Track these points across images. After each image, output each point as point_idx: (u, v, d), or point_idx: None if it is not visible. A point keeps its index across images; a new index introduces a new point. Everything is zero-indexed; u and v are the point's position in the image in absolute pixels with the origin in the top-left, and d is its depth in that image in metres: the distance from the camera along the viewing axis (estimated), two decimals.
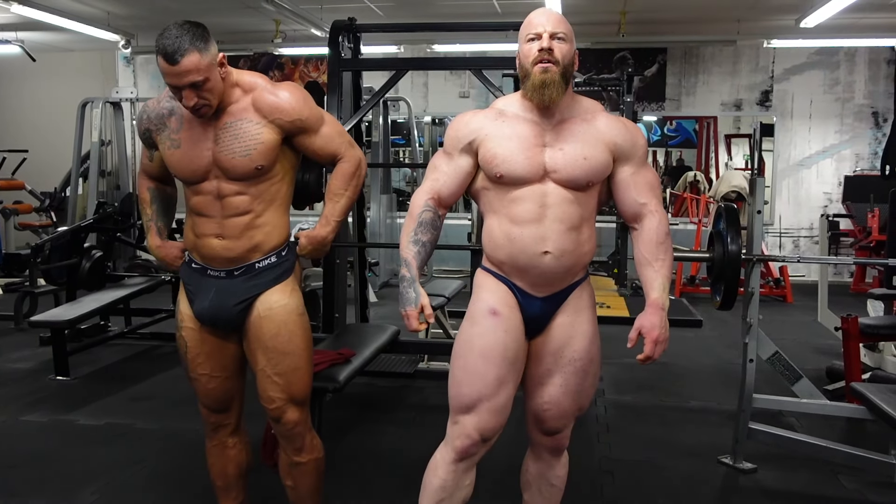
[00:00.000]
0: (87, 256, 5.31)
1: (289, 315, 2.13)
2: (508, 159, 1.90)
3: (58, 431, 3.66)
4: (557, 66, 1.88)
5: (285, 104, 2.04)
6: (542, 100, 1.89)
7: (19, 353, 5.10)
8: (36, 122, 9.37)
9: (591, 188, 1.95)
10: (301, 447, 2.24)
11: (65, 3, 6.85)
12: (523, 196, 1.91)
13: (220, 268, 2.12)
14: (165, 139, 2.09)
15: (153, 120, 2.11)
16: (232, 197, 2.05)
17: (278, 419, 2.19)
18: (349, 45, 4.33)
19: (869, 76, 8.28)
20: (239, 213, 2.07)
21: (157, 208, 2.28)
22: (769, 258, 3.57)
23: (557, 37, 1.89)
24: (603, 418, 3.83)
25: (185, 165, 2.06)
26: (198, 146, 2.04)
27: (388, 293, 7.46)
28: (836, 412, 3.40)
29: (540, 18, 1.93)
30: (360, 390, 4.23)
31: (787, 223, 8.51)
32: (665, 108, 8.73)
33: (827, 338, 5.20)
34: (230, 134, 2.02)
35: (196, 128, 2.05)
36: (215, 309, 2.13)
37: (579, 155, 1.90)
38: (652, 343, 1.91)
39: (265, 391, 2.16)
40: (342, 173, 2.18)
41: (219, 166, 2.03)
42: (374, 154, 7.50)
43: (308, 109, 2.08)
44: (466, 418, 1.94)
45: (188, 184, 2.10)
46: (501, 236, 1.95)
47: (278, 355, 2.12)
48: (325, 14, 7.01)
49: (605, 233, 8.27)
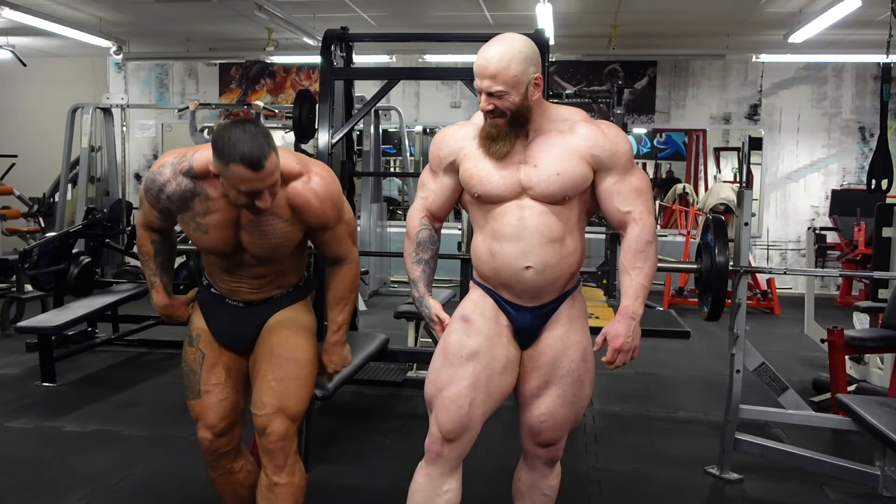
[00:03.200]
0: (76, 262, 5.28)
1: (299, 328, 2.19)
2: (484, 180, 1.92)
3: (44, 438, 3.64)
4: (504, 117, 1.87)
5: (316, 208, 2.05)
6: (493, 152, 1.90)
7: (6, 359, 5.06)
8: (26, 127, 9.33)
9: (569, 201, 1.93)
10: (282, 465, 2.14)
11: (56, 9, 6.84)
12: (503, 212, 1.92)
13: (239, 299, 2.20)
14: (190, 221, 2.07)
15: (175, 202, 2.06)
16: (254, 267, 2.13)
17: (264, 429, 2.12)
18: (341, 54, 4.35)
19: (856, 91, 8.37)
20: (260, 276, 2.16)
21: (160, 262, 2.27)
22: (757, 270, 3.60)
23: (496, 95, 1.84)
24: (591, 428, 3.84)
25: (213, 247, 2.10)
26: (227, 233, 2.06)
27: (377, 302, 7.45)
28: (822, 423, 3.43)
29: (477, 69, 1.85)
30: (349, 398, 4.22)
31: (775, 236, 8.58)
32: (655, 121, 8.79)
33: (813, 350, 5.24)
34: (261, 230, 2.04)
35: (224, 214, 2.03)
36: (234, 331, 2.20)
37: (552, 171, 1.89)
38: (614, 351, 1.91)
39: (259, 396, 2.14)
40: (350, 279, 2.24)
41: (247, 250, 2.09)
42: (365, 163, 7.51)
43: (334, 211, 2.10)
44: (431, 417, 2.00)
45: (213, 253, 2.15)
46: (485, 252, 1.97)
47: (282, 361, 2.14)
48: (318, 23, 7.03)
49: (595, 244, 8.30)
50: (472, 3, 6.45)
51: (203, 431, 2.24)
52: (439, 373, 1.98)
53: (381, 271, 8.20)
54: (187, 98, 9.06)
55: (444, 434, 1.95)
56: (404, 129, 8.12)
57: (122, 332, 5.37)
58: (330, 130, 4.06)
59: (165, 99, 9.37)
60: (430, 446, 1.99)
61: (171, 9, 6.71)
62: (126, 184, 8.44)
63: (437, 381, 1.98)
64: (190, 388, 2.24)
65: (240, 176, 1.82)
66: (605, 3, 6.40)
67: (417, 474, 2.02)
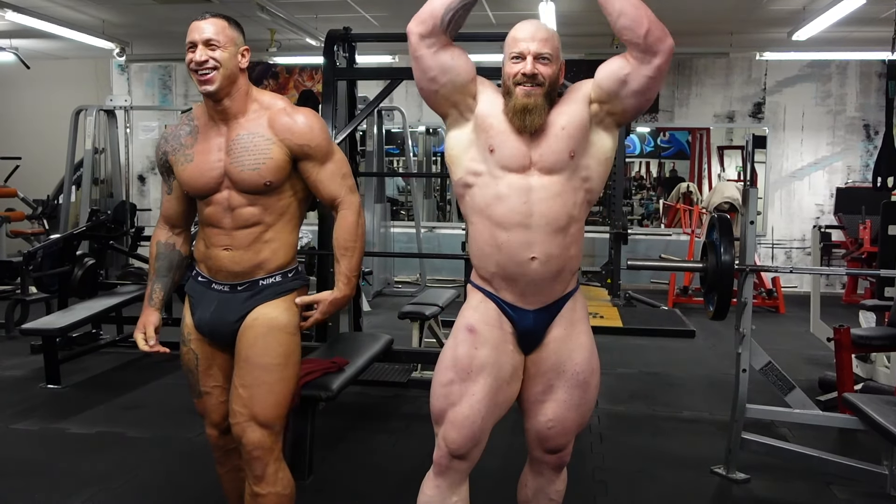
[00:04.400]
0: (80, 264, 5.28)
1: (271, 329, 2.07)
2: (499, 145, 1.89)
3: (48, 440, 3.64)
4: (542, 87, 1.84)
5: (297, 126, 2.05)
6: (524, 125, 1.85)
7: (10, 360, 5.06)
8: (29, 129, 9.35)
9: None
10: (261, 476, 2.07)
11: (60, 11, 6.84)
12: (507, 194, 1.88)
13: (224, 281, 2.12)
14: (180, 156, 2.10)
15: (170, 141, 2.14)
16: (242, 208, 2.06)
17: (240, 439, 2.07)
18: (344, 55, 4.35)
19: (860, 89, 8.34)
20: (248, 225, 2.07)
21: (159, 267, 2.25)
22: (762, 269, 3.59)
23: (542, 58, 1.83)
24: (596, 428, 3.83)
25: (198, 178, 2.07)
26: (210, 157, 2.06)
27: (381, 302, 7.45)
28: (829, 423, 3.41)
29: (524, 35, 1.86)
30: (353, 399, 4.22)
31: (780, 234, 8.55)
32: (658, 120, 8.77)
33: (819, 348, 5.22)
34: (241, 146, 2.04)
35: (209, 140, 2.08)
36: (215, 322, 2.13)
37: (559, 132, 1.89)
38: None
39: (230, 404, 2.10)
40: (348, 225, 2.13)
41: (229, 178, 2.05)
42: (368, 163, 7.51)
43: (318, 139, 2.08)
44: (438, 429, 1.96)
45: (201, 197, 2.11)
46: (489, 241, 1.91)
47: (248, 366, 2.06)
48: (320, 24, 7.03)
49: (599, 242, 8.30)
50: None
51: (209, 429, 2.26)
52: (449, 388, 1.93)
53: (385, 271, 8.19)
54: (191, 100, 9.07)
55: (454, 451, 1.93)
56: (407, 130, 8.11)
57: (127, 333, 5.37)
58: (333, 130, 4.07)
59: (169, 100, 9.37)
60: (438, 460, 1.96)
61: (174, 10, 6.72)
62: (130, 186, 8.46)
63: (449, 395, 1.93)
64: (192, 388, 2.24)
65: (189, 30, 2.01)
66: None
67: (426, 486, 1.99)
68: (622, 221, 7.13)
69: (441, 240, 8.87)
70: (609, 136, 1.94)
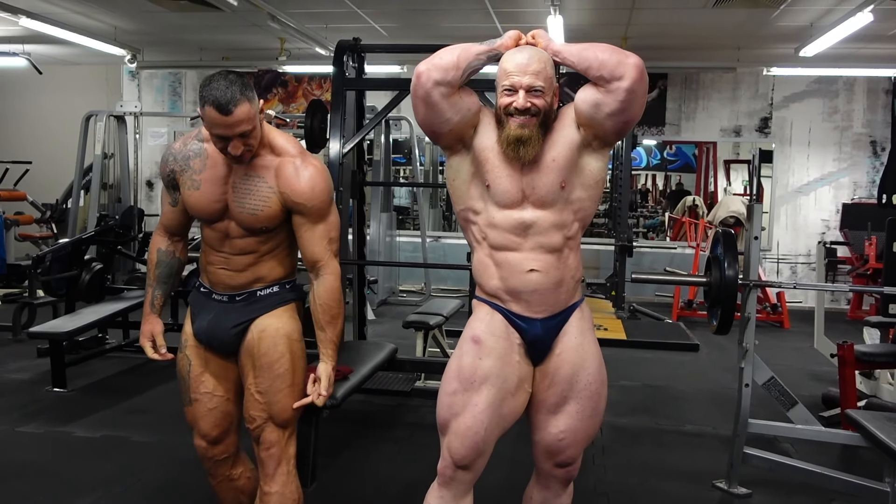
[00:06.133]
0: (87, 269, 5.32)
1: (281, 337, 2.15)
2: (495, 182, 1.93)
3: (54, 443, 3.66)
4: (537, 117, 1.85)
5: (298, 184, 2.07)
6: (517, 156, 1.87)
7: (17, 363, 5.09)
8: (40, 134, 9.42)
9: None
10: (272, 474, 2.16)
11: (72, 18, 6.91)
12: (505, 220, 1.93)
13: (223, 292, 2.18)
14: (188, 179, 2.13)
15: (179, 161, 2.15)
16: (239, 238, 2.12)
17: (258, 439, 2.17)
18: (353, 65, 4.38)
19: (867, 105, 8.35)
20: (245, 253, 2.14)
21: (159, 274, 2.30)
22: (766, 284, 3.59)
23: (535, 90, 1.84)
24: (598, 441, 3.83)
25: (203, 206, 2.11)
26: (216, 188, 2.09)
27: (386, 311, 7.47)
28: (832, 439, 3.40)
29: (516, 67, 1.85)
30: (356, 407, 4.23)
31: (785, 249, 8.54)
32: (665, 133, 8.79)
33: (823, 364, 5.21)
34: (245, 187, 2.08)
35: (218, 170, 2.10)
36: (212, 328, 2.18)
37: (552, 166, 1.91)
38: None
39: (247, 410, 2.17)
40: (332, 290, 2.14)
41: (230, 212, 2.10)
42: (375, 172, 7.55)
43: (316, 200, 2.08)
44: (442, 440, 1.98)
45: (204, 222, 2.16)
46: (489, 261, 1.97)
47: (264, 373, 2.13)
48: (330, 33, 7.08)
49: (604, 255, 8.31)
50: (482, 15, 6.48)
51: (197, 439, 2.28)
52: (453, 397, 1.95)
53: (390, 280, 8.22)
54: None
55: (458, 461, 1.94)
56: (415, 139, 8.15)
57: (133, 338, 5.39)
58: (341, 140, 4.09)
59: (178, 107, 9.44)
60: (443, 470, 1.97)
61: (185, 18, 6.77)
62: (138, 191, 8.50)
63: (453, 405, 1.95)
64: (183, 395, 2.27)
65: (211, 118, 1.92)
66: (616, 15, 6.42)
67: (430, 497, 2.00)
68: (627, 234, 7.15)
69: (446, 249, 8.88)
70: (598, 158, 1.96)
